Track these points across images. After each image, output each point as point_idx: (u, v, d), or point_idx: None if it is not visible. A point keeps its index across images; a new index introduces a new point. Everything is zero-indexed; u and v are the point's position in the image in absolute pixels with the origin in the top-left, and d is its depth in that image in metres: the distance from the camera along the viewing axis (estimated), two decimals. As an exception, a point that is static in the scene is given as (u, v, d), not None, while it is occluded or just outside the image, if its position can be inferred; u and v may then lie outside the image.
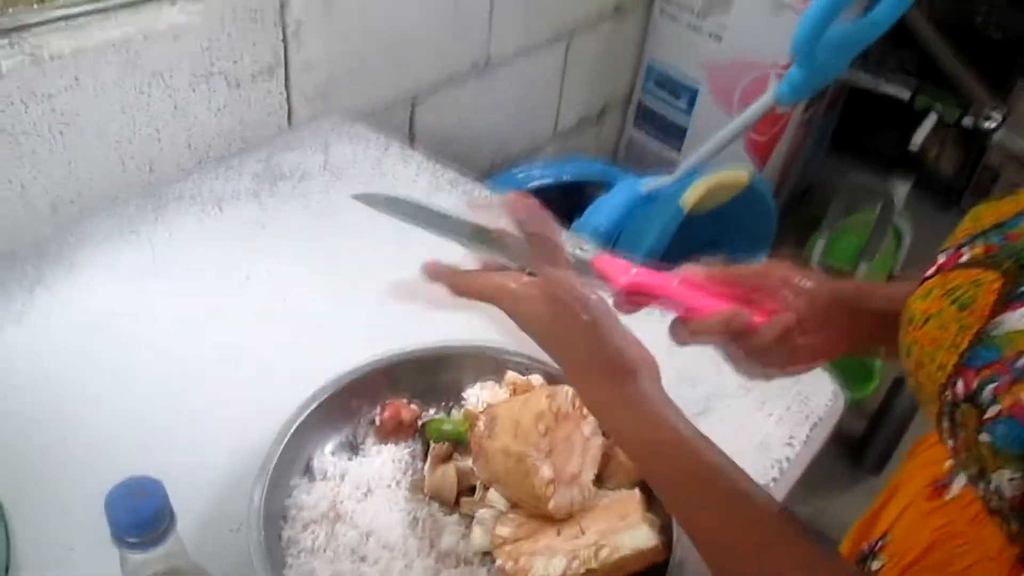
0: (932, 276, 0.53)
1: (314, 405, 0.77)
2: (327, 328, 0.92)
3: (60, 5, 1.00)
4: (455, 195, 1.16)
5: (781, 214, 2.29)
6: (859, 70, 2.24)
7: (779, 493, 0.83)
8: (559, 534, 0.71)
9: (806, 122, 2.10)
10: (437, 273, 0.61)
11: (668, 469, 0.55)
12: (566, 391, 0.73)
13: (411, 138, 1.51)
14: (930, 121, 2.06)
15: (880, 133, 2.44)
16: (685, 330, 0.61)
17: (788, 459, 0.85)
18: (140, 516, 0.48)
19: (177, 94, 1.11)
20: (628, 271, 0.61)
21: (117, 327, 0.90)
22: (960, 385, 0.47)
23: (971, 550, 0.53)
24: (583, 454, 0.73)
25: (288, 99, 1.26)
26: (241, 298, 0.96)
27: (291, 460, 0.74)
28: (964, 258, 0.52)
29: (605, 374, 0.56)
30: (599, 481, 0.75)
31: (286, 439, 0.73)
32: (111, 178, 1.08)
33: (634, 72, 2.07)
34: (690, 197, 1.35)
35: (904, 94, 2.10)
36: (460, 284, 0.60)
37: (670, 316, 0.61)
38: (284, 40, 1.20)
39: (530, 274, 0.58)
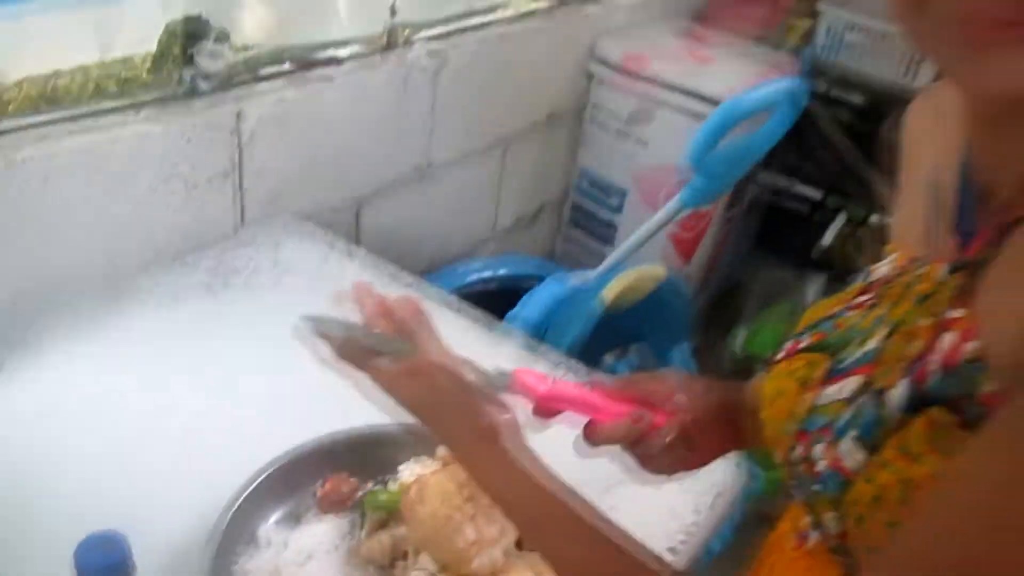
0: (780, 361, 0.64)
1: (259, 480, 0.85)
2: (274, 410, 0.99)
3: (32, 114, 1.11)
4: (396, 289, 1.26)
5: (709, 308, 2.43)
6: (776, 173, 2.44)
7: (685, 557, 0.91)
8: None
9: (728, 221, 2.27)
10: (327, 336, 0.68)
11: (533, 516, 0.64)
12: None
13: (357, 238, 1.61)
14: (840, 220, 2.24)
15: (799, 232, 2.62)
16: (594, 435, 0.70)
17: (695, 524, 0.94)
18: (107, 564, 0.55)
19: (138, 195, 1.20)
20: (545, 382, 0.69)
21: (78, 409, 0.97)
22: (800, 449, 0.57)
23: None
24: (504, 519, 0.81)
25: (241, 201, 1.36)
26: (196, 383, 1.03)
27: (238, 529, 0.81)
28: (803, 345, 0.63)
29: (472, 437, 0.65)
30: (519, 544, 0.83)
31: (232, 510, 0.81)
32: (71, 272, 1.15)
33: (568, 175, 2.22)
34: (608, 293, 1.47)
35: (816, 195, 2.29)
36: (345, 353, 0.68)
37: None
38: (239, 148, 1.31)
39: None
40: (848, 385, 0.56)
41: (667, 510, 0.95)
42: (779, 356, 0.65)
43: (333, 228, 1.41)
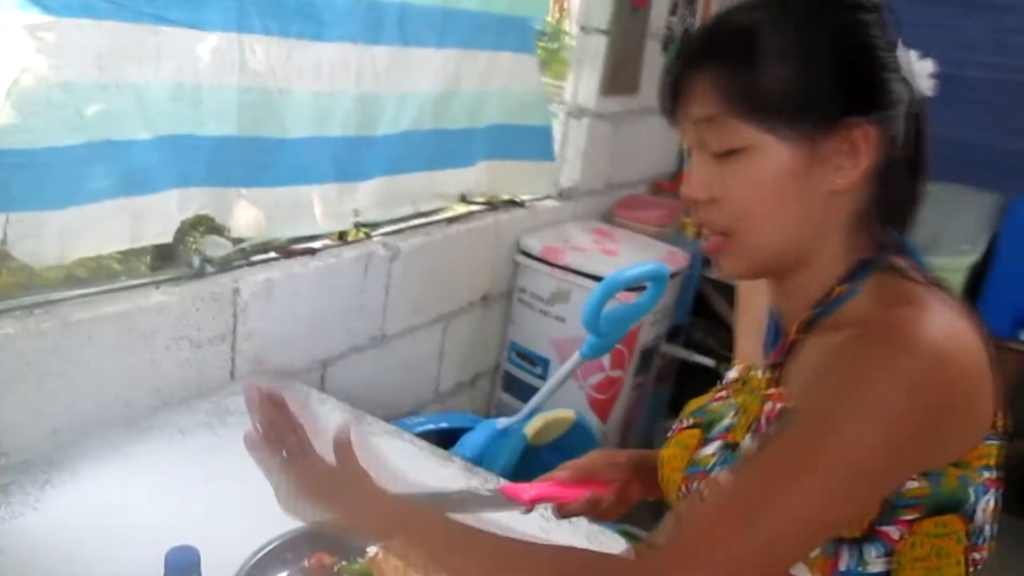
0: (671, 436, 0.99)
1: (263, 552, 1.12)
2: (263, 512, 1.26)
3: (80, 285, 1.43)
4: (362, 428, 1.57)
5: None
6: (684, 346, 2.84)
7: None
8: None
9: (637, 386, 2.63)
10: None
11: (433, 541, 0.85)
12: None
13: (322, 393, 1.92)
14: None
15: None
16: (565, 512, 1.06)
17: None
18: (187, 563, 0.83)
19: (155, 352, 1.51)
20: (526, 490, 1.04)
21: (111, 518, 1.22)
22: (684, 487, 0.93)
23: None
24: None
25: (233, 359, 1.67)
26: (205, 496, 1.31)
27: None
28: (685, 425, 0.99)
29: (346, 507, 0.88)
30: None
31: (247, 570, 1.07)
32: (99, 411, 1.44)
33: (500, 347, 2.59)
34: (529, 430, 1.79)
35: (710, 363, 2.68)
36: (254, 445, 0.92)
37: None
38: (235, 316, 1.64)
39: None
40: (713, 446, 0.93)
41: None
42: (670, 434, 1.00)
43: (306, 384, 1.73)
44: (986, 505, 0.78)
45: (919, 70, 0.82)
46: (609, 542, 1.34)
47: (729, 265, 0.86)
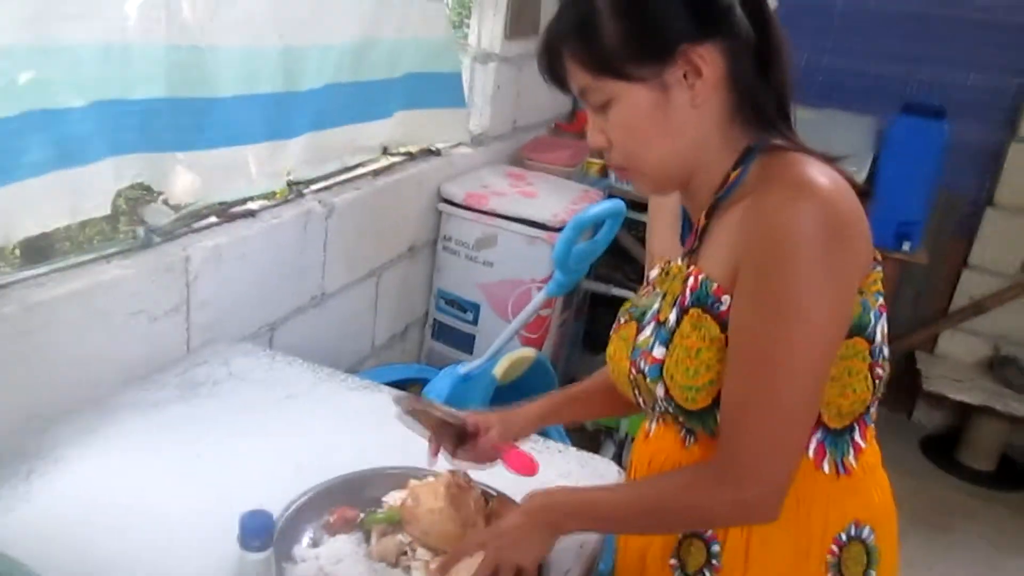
0: (612, 334, 1.08)
1: (290, 509, 1.12)
2: (260, 475, 1.26)
3: (35, 266, 1.36)
4: (333, 384, 1.57)
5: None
6: (595, 280, 2.94)
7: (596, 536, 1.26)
8: None
9: (562, 324, 2.72)
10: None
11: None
12: (462, 472, 1.15)
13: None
14: (650, 313, 2.74)
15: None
16: None
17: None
18: (259, 525, 0.84)
19: (114, 328, 1.45)
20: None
21: (108, 500, 1.19)
22: (633, 370, 1.01)
23: (667, 453, 1.06)
24: (477, 512, 1.14)
25: (188, 330, 1.62)
26: (195, 468, 1.28)
27: (282, 550, 1.08)
28: (622, 321, 1.08)
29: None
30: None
31: (276, 533, 1.08)
32: (67, 394, 1.37)
33: (427, 296, 2.60)
34: (498, 371, 1.84)
35: (629, 295, 2.79)
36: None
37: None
38: (187, 285, 1.59)
39: None
40: (648, 329, 1.03)
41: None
42: (612, 332, 1.09)
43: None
44: (882, 327, 0.97)
45: None
46: (600, 466, 1.41)
47: (638, 187, 1.03)
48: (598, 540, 1.26)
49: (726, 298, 0.93)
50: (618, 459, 2.64)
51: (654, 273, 1.11)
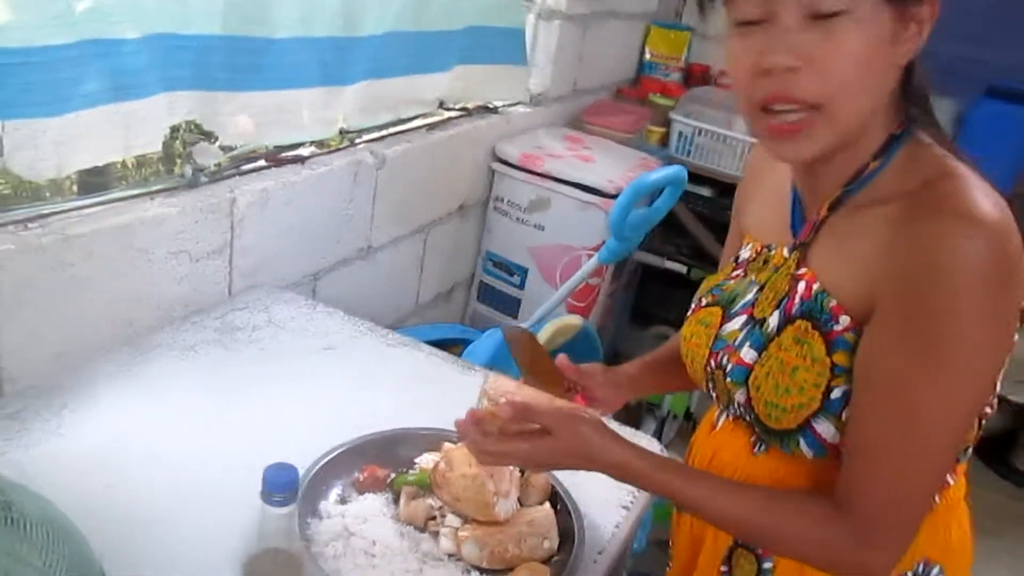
0: (690, 315, 1.00)
1: (319, 465, 1.09)
2: (292, 425, 1.23)
3: (80, 198, 1.33)
4: (374, 338, 1.53)
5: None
6: (647, 252, 2.87)
7: (635, 513, 1.21)
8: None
9: (611, 294, 2.65)
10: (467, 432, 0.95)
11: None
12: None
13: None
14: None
15: (670, 303, 3.04)
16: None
17: (634, 498, 1.24)
18: (283, 480, 0.80)
19: (154, 266, 1.43)
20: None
21: (139, 440, 1.17)
22: (712, 362, 0.93)
23: (732, 456, 0.98)
24: (510, 480, 1.09)
25: (230, 274, 1.60)
26: (230, 414, 1.26)
27: (307, 504, 1.05)
28: (703, 304, 1.00)
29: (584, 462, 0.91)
30: (520, 500, 1.11)
31: (302, 489, 1.04)
32: (101, 331, 1.36)
33: (475, 256, 2.55)
34: (542, 336, 1.79)
35: (682, 269, 2.72)
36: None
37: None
38: (231, 228, 1.56)
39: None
40: (737, 322, 0.94)
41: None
42: (689, 313, 1.01)
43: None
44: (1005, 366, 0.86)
45: None
46: (642, 442, 1.35)
47: (806, 146, 0.81)
48: (634, 522, 1.21)
49: (844, 318, 0.83)
50: (658, 435, 2.59)
51: (745, 254, 1.01)
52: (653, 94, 3.11)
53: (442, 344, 2.02)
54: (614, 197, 2.27)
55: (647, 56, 3.25)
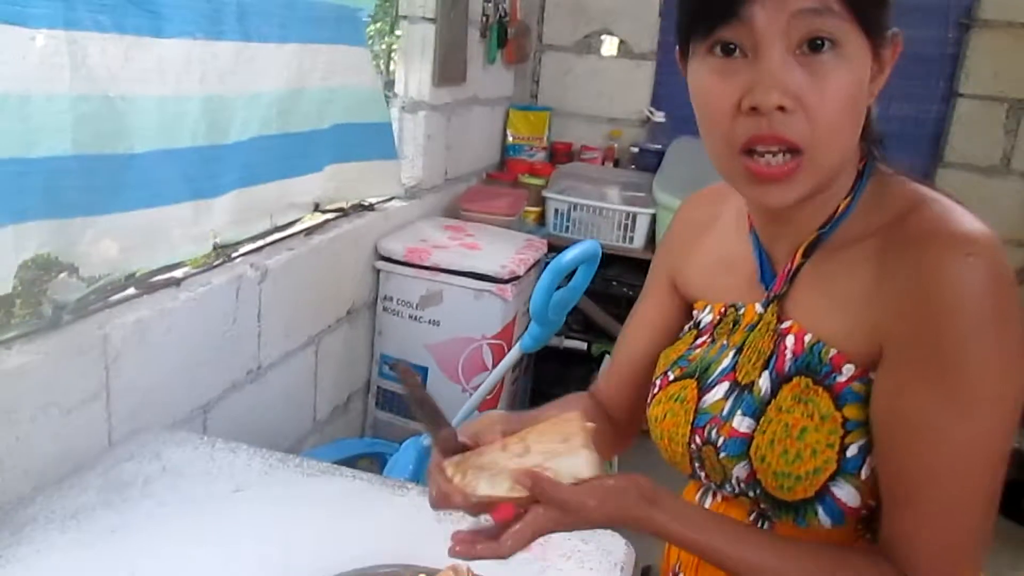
0: (658, 393, 0.91)
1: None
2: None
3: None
4: (287, 470, 1.36)
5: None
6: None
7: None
8: (504, 449, 0.77)
9: (514, 382, 2.56)
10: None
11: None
12: (466, 567, 0.96)
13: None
14: (606, 362, 2.62)
15: (568, 381, 2.97)
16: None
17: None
18: None
19: (18, 427, 1.22)
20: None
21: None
22: (697, 438, 0.85)
23: None
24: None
25: (109, 420, 1.40)
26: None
27: None
28: (671, 378, 0.91)
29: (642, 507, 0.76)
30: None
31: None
32: (-38, 514, 1.13)
33: (369, 362, 2.40)
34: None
35: (583, 346, 2.66)
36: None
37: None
38: (106, 368, 1.37)
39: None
40: (719, 390, 0.86)
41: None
42: (654, 391, 0.92)
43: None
44: None
45: None
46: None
47: (793, 190, 0.74)
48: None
49: (848, 368, 0.76)
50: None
51: (706, 318, 0.93)
52: (522, 175, 3.10)
53: (352, 462, 1.86)
54: (507, 282, 2.21)
55: (509, 139, 3.26)
